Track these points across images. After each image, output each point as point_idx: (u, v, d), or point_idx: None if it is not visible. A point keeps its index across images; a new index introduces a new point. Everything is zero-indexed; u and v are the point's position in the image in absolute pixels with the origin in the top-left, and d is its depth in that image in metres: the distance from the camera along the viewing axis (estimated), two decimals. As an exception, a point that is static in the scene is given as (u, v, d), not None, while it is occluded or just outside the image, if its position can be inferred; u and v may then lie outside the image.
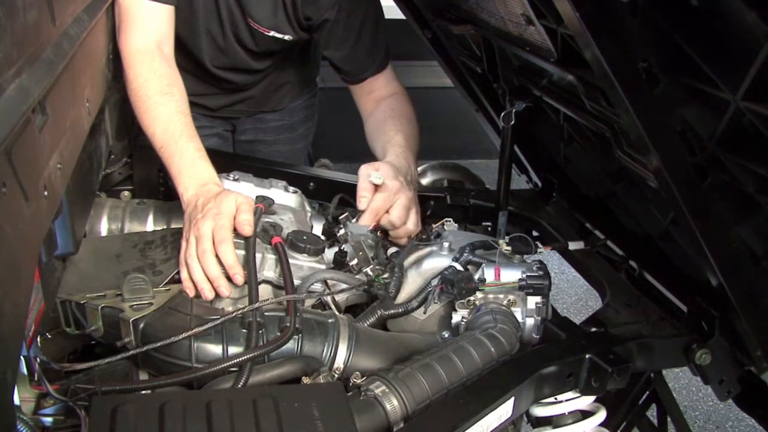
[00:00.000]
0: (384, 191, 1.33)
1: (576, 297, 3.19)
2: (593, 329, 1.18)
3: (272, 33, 1.54)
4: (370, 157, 1.50)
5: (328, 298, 1.19)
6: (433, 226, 1.36)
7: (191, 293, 1.10)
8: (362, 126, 1.62)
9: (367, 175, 1.33)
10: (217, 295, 1.13)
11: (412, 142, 1.49)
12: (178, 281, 1.13)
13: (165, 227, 1.35)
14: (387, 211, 1.33)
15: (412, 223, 1.37)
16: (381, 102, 1.57)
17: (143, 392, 0.92)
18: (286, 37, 1.55)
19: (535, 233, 1.62)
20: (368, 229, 1.30)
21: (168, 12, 1.37)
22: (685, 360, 1.17)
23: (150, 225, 1.36)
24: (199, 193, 1.20)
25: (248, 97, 1.78)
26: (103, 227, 1.34)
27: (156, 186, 1.59)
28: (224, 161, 1.46)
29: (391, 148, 1.42)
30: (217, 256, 1.10)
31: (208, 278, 1.10)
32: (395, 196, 1.33)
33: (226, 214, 1.14)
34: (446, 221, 1.36)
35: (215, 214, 1.13)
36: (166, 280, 1.12)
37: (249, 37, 1.56)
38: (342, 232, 1.31)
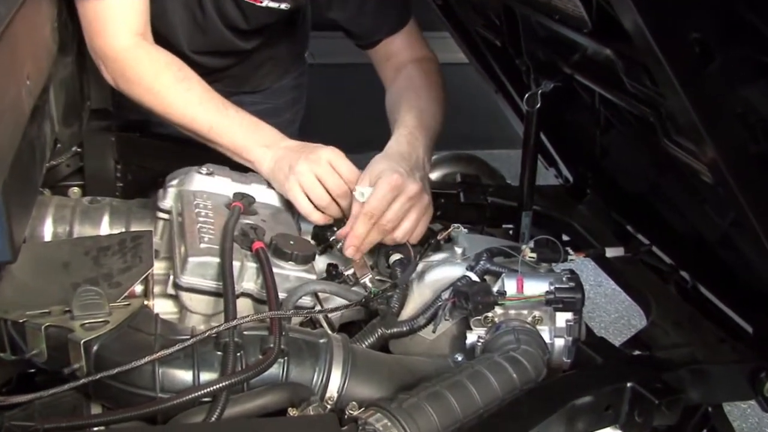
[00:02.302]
0: (370, 206, 1.26)
1: (616, 314, 3.19)
2: (636, 352, 1.18)
3: (266, 3, 1.54)
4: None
5: (320, 315, 1.19)
6: (440, 234, 1.36)
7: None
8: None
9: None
10: (186, 311, 1.14)
11: (428, 119, 1.46)
12: (139, 295, 1.13)
13: (124, 230, 1.35)
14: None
15: (419, 233, 1.33)
16: (401, 70, 1.56)
17: (96, 429, 0.91)
18: (282, 6, 1.56)
19: (565, 237, 1.63)
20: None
21: (143, 1, 1.40)
22: (751, 391, 1.16)
23: (105, 227, 1.36)
24: (279, 155, 1.35)
25: (224, 77, 1.78)
26: (48, 230, 1.34)
27: (112, 180, 1.59)
28: (194, 152, 1.47)
29: (396, 131, 1.42)
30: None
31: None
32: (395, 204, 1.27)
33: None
34: (454, 228, 1.36)
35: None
36: (125, 294, 1.13)
37: (236, 11, 1.56)
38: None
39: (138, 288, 1.15)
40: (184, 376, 0.99)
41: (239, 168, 1.43)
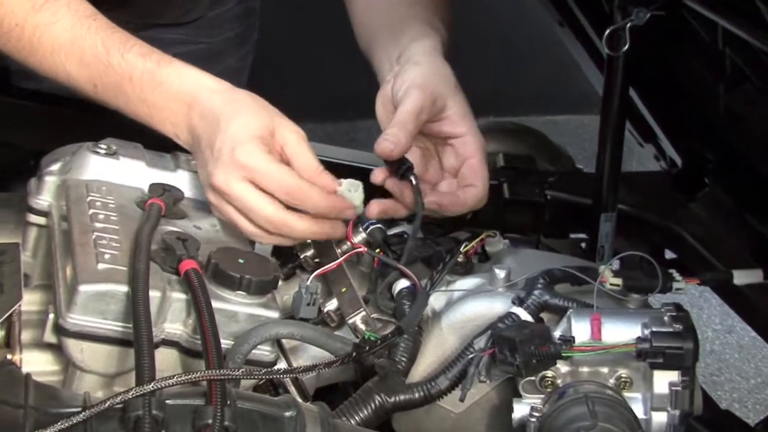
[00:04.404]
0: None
1: (757, 378, 3.19)
2: (783, 435, 1.20)
3: None
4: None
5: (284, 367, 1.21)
6: (465, 245, 1.38)
7: None
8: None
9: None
10: (76, 369, 1.16)
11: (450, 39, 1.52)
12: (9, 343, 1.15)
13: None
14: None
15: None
16: None
17: None
18: None
19: (669, 254, 1.64)
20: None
21: None
22: None
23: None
24: (196, 132, 1.33)
25: (131, 3, 1.80)
26: None
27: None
28: (87, 118, 1.48)
29: (422, 42, 1.47)
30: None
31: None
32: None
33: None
34: (489, 235, 1.38)
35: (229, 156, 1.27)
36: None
37: None
38: (310, 252, 1.33)
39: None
40: (74, 469, 1.01)
41: (160, 148, 1.43)
